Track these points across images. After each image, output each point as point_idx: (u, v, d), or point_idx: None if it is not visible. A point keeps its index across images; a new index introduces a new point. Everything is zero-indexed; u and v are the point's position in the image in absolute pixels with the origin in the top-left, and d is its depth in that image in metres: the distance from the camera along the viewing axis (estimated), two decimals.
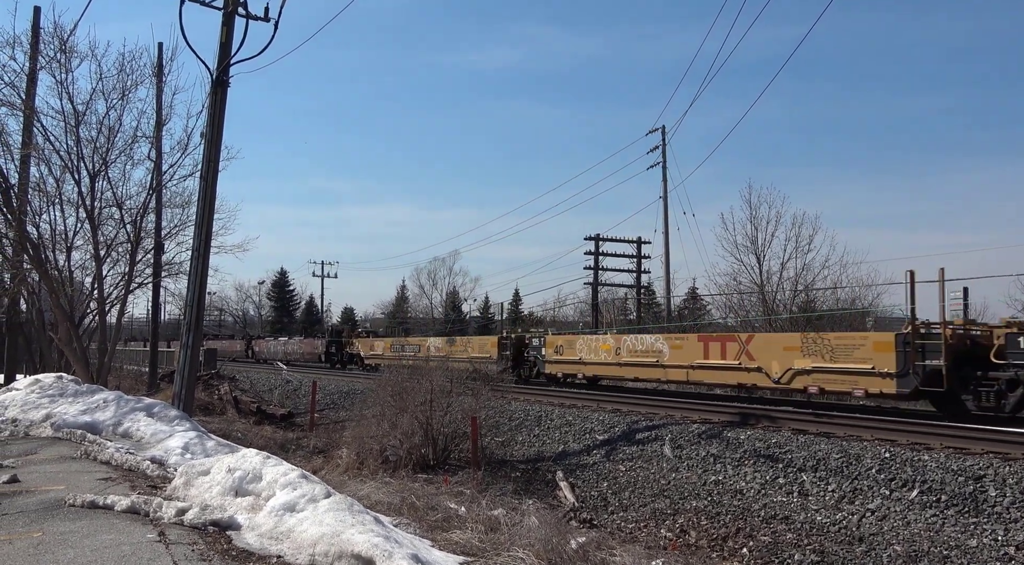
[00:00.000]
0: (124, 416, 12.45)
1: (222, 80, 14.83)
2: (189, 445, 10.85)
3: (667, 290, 37.81)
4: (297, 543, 5.97)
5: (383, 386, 16.62)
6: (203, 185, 14.93)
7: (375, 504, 9.26)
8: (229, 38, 14.72)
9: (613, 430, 16.69)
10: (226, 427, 18.32)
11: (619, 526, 12.12)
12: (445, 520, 8.61)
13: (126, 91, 19.97)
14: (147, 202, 21.04)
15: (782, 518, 11.16)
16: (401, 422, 14.79)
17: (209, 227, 15.02)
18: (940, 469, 10.93)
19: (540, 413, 19.08)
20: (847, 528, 10.45)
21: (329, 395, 28.44)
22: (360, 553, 5.48)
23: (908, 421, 14.86)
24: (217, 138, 14.92)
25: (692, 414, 17.32)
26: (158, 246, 22.13)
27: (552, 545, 6.98)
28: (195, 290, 14.79)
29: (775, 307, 33.32)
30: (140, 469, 9.46)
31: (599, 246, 41.82)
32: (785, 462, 12.72)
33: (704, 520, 11.66)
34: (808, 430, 14.43)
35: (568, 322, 56.41)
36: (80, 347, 19.72)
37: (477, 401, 15.90)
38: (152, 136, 20.90)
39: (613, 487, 13.88)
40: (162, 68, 21.35)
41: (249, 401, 25.41)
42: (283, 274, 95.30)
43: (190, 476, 7.99)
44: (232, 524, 6.63)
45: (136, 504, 6.99)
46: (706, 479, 13.19)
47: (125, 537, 6.02)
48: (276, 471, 7.43)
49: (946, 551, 9.26)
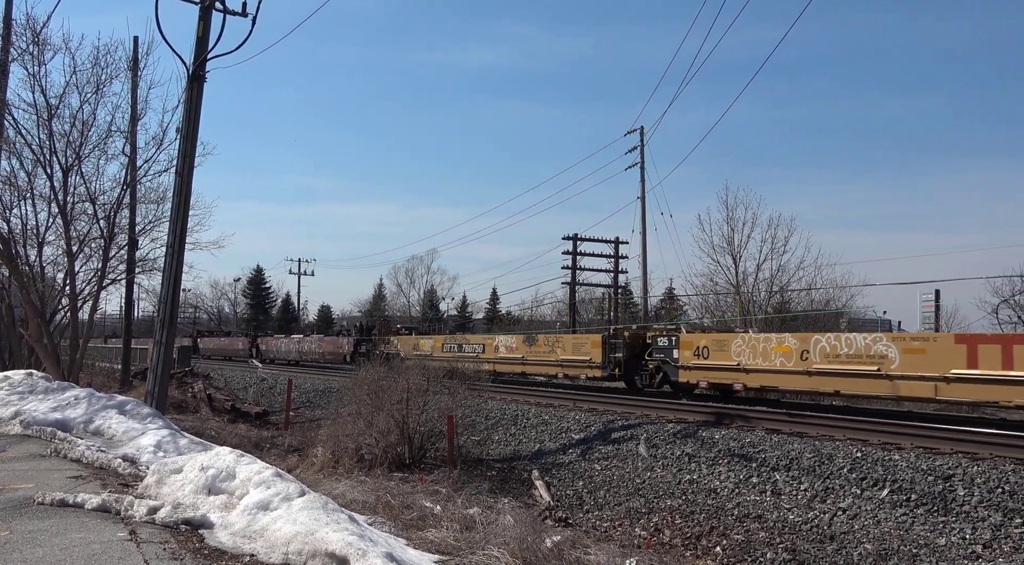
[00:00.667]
0: (95, 413, 12.29)
1: (198, 75, 14.68)
2: (162, 443, 10.73)
3: (644, 290, 37.96)
4: (270, 542, 5.93)
5: (359, 384, 16.55)
6: (178, 181, 14.78)
7: (350, 503, 9.22)
8: (206, 33, 14.58)
9: (589, 429, 16.74)
10: (200, 425, 18.16)
11: (594, 525, 12.16)
12: (420, 519, 8.60)
13: (100, 85, 19.71)
14: (121, 197, 20.77)
15: (755, 517, 11.26)
16: (377, 421, 14.74)
17: (184, 223, 14.88)
18: (910, 468, 11.08)
19: (517, 412, 19.10)
20: (819, 527, 10.56)
21: (305, 393, 28.28)
22: (334, 552, 5.45)
23: (880, 421, 15.05)
24: (193, 133, 14.77)
25: (667, 413, 17.43)
26: (132, 242, 21.85)
27: (527, 544, 6.99)
28: (169, 287, 14.65)
29: (751, 308, 33.61)
30: (111, 467, 9.34)
31: (577, 246, 41.92)
32: (759, 461, 12.84)
33: (678, 519, 11.73)
34: (782, 430, 14.57)
35: (546, 322, 56.48)
36: (51, 344, 19.43)
37: (454, 400, 15.88)
38: (127, 131, 20.63)
39: (588, 486, 13.93)
40: (137, 62, 21.08)
41: (223, 399, 25.21)
42: (259, 271, 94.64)
43: (162, 474, 7.91)
44: (204, 523, 6.57)
45: (107, 502, 6.91)
46: (681, 478, 13.27)
47: (95, 536, 5.94)
48: (250, 469, 7.38)
49: (915, 549, 9.39)
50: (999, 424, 15.14)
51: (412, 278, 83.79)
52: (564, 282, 44.01)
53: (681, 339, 20.85)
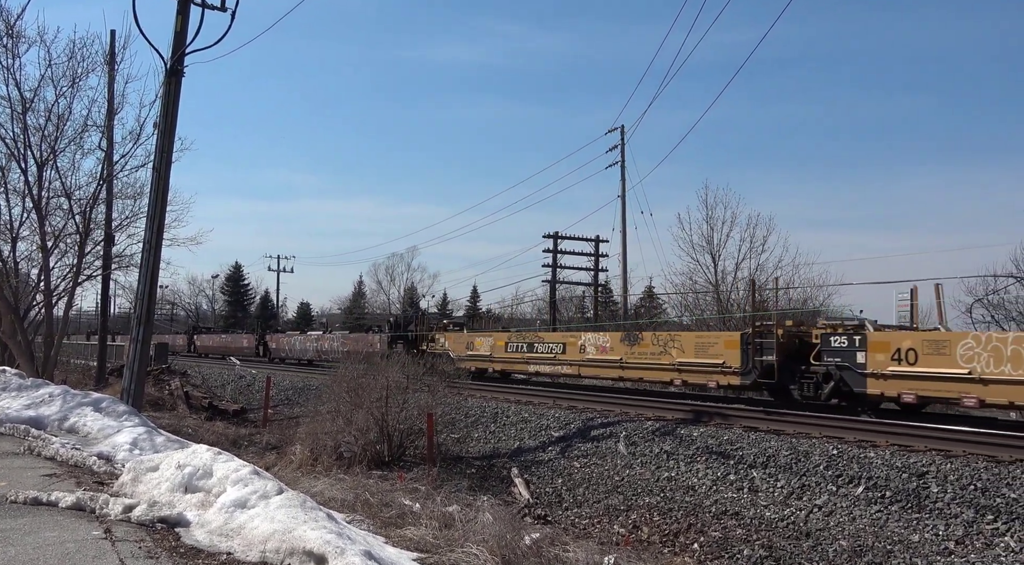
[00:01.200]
0: (70, 411, 12.18)
1: (176, 70, 14.55)
2: (138, 441, 10.66)
3: (624, 289, 38.15)
4: (248, 540, 5.90)
5: (338, 382, 16.49)
6: (156, 176, 14.66)
7: (328, 501, 9.19)
8: (184, 27, 14.46)
9: (568, 427, 16.79)
10: (176, 423, 18.03)
11: (573, 522, 12.20)
12: (399, 516, 8.59)
13: (76, 79, 19.54)
14: (97, 193, 20.59)
15: (732, 514, 11.34)
16: (356, 418, 14.70)
17: (161, 219, 14.76)
18: (885, 466, 11.21)
19: (496, 410, 19.12)
20: (795, 523, 10.66)
21: (283, 391, 28.13)
22: (312, 550, 5.43)
23: (856, 419, 15.21)
24: (171, 128, 14.65)
25: (647, 411, 17.50)
26: (108, 238, 21.64)
27: (506, 541, 7.00)
28: (146, 283, 14.53)
29: (729, 307, 33.84)
30: (86, 465, 9.26)
31: (557, 244, 41.97)
32: (736, 459, 12.94)
33: (656, 516, 11.80)
34: (759, 427, 14.69)
35: (526, 320, 56.54)
36: (25, 340, 19.23)
37: (433, 397, 15.87)
38: (103, 125, 20.45)
39: (568, 483, 13.97)
40: (114, 56, 20.88)
41: (201, 396, 25.06)
42: (238, 268, 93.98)
43: (138, 472, 7.85)
44: (181, 521, 6.53)
45: (81, 501, 6.85)
46: (659, 475, 13.35)
47: (69, 534, 5.89)
48: (227, 467, 7.33)
49: (890, 546, 9.50)
50: (971, 422, 15.36)
51: (392, 275, 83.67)
52: (544, 280, 44.04)
53: (870, 339, 16.49)
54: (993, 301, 30.21)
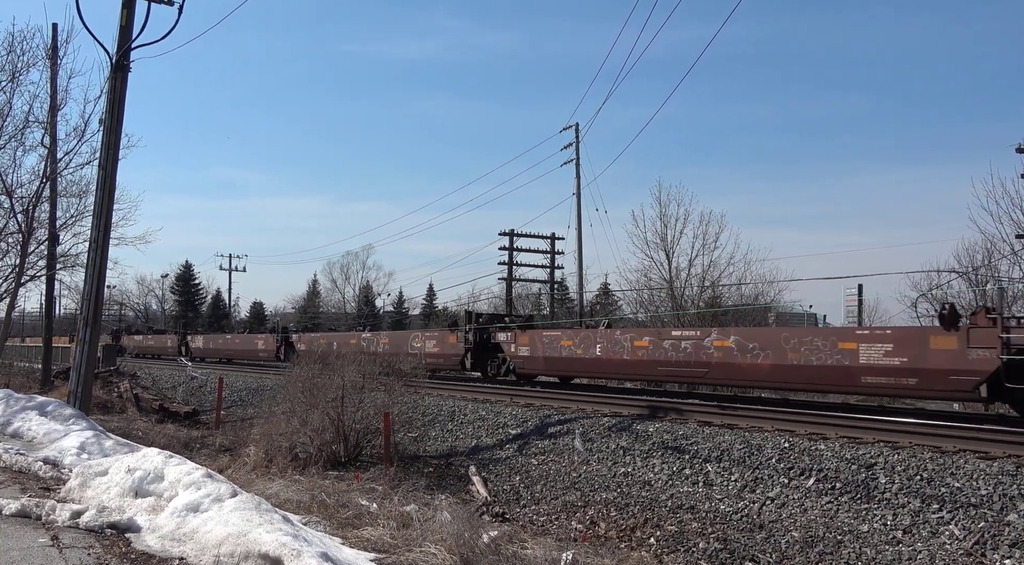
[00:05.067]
0: (14, 415, 11.85)
1: (122, 65, 14.22)
2: (86, 445, 10.40)
3: (580, 286, 38.35)
4: (201, 544, 5.81)
5: (293, 382, 16.28)
6: (102, 174, 14.32)
7: (284, 502, 9.08)
8: (130, 21, 14.14)
9: (526, 424, 16.83)
10: (126, 426, 17.62)
11: (531, 519, 12.24)
12: (356, 517, 8.52)
13: (16, 73, 18.99)
14: (40, 191, 20.03)
15: (688, 508, 11.49)
16: (312, 418, 14.53)
17: (108, 217, 14.42)
18: (835, 458, 11.45)
19: (454, 408, 19.07)
20: (749, 516, 10.84)
21: (236, 392, 27.68)
22: (267, 553, 5.37)
23: (807, 412, 15.52)
24: (117, 125, 14.32)
25: (603, 407, 17.62)
26: (52, 237, 21.08)
27: (464, 539, 7.00)
28: (93, 283, 14.19)
29: (683, 303, 34.27)
30: (32, 471, 9.01)
31: (513, 241, 42.07)
32: (691, 453, 13.10)
33: (613, 511, 11.89)
34: (713, 422, 14.89)
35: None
36: None
37: (390, 397, 15.76)
38: (46, 121, 19.89)
39: (525, 481, 14.01)
40: (57, 50, 20.32)
41: (151, 399, 24.51)
42: (188, 267, 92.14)
43: (86, 477, 7.67)
44: (131, 526, 6.40)
45: (27, 507, 6.66)
46: (616, 471, 13.46)
47: (14, 542, 5.72)
48: (179, 470, 7.21)
49: (840, 536, 9.72)
50: (916, 413, 15.78)
51: (347, 274, 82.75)
52: (501, 278, 44.15)
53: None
54: (936, 296, 31.06)
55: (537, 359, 23.48)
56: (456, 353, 26.12)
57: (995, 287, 24.33)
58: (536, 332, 24.27)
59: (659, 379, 22.25)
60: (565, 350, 22.38)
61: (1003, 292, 15.94)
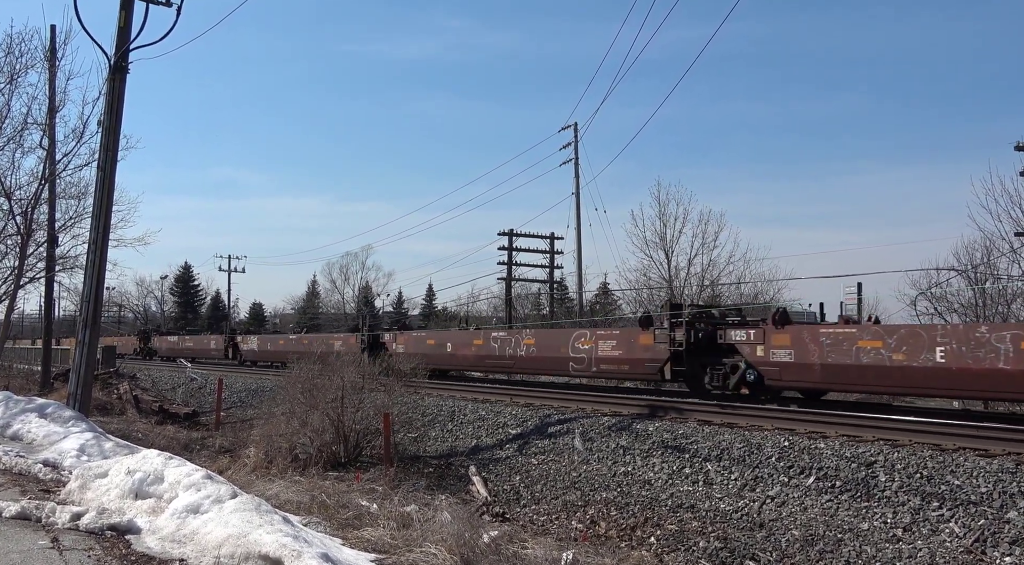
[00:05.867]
0: (14, 417, 11.85)
1: (121, 66, 14.22)
2: (85, 447, 10.41)
3: (579, 285, 38.39)
4: (201, 545, 5.80)
5: (293, 383, 16.28)
6: (100, 175, 14.32)
7: (284, 503, 9.08)
8: (128, 22, 14.14)
9: (526, 424, 16.82)
10: (126, 428, 17.61)
11: (531, 519, 12.24)
12: (356, 518, 8.52)
13: (15, 75, 18.99)
14: (39, 192, 20.02)
15: (688, 507, 11.49)
16: (311, 419, 14.53)
17: (107, 219, 14.42)
18: (835, 456, 11.45)
19: (453, 408, 19.07)
20: (749, 515, 10.84)
21: (236, 393, 27.68)
22: (268, 553, 5.36)
23: (807, 411, 15.51)
24: (116, 126, 14.32)
25: (603, 407, 17.63)
26: (51, 239, 21.08)
27: (465, 540, 7.00)
28: (92, 285, 14.19)
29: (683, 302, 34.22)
30: (31, 473, 9.01)
31: (512, 241, 42.06)
32: (691, 452, 13.10)
33: (614, 511, 11.89)
34: (713, 421, 14.89)
35: (482, 317, 56.51)
36: None
37: (390, 397, 15.76)
38: (44, 123, 19.90)
39: (525, 480, 14.00)
40: (55, 52, 20.33)
41: (151, 400, 24.53)
42: (187, 268, 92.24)
43: (86, 479, 7.67)
44: (131, 528, 6.40)
45: (27, 509, 6.66)
46: (616, 471, 13.46)
47: (14, 544, 5.72)
48: (179, 472, 7.20)
49: (840, 534, 9.72)
50: (916, 411, 15.78)
51: (347, 274, 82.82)
52: (500, 278, 44.12)
53: None
54: (936, 294, 31.07)
55: (810, 367, 16.22)
56: (652, 358, 19.77)
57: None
58: (809, 328, 16.74)
59: None
60: (868, 355, 15.09)
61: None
